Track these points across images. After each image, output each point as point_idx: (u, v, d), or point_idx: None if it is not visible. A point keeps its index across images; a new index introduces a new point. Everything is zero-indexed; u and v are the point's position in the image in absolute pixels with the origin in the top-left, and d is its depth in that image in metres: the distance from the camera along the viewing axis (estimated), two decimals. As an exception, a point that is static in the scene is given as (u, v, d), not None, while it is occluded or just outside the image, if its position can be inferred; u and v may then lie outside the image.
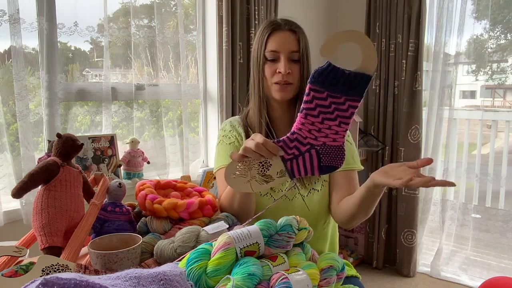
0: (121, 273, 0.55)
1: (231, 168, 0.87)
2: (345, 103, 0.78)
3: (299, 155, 0.84)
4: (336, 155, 0.84)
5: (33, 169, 0.91)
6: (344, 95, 0.77)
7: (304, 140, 0.83)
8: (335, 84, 0.76)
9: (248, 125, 1.25)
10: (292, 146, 0.84)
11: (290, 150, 0.84)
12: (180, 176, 2.09)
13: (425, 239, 2.80)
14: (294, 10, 2.65)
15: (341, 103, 0.78)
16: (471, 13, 2.54)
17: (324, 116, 0.79)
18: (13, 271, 0.72)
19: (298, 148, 0.84)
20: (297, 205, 1.18)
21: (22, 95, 1.55)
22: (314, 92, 0.78)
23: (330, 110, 0.79)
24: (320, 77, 0.77)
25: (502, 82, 3.48)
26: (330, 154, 0.84)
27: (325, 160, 0.84)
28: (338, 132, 0.82)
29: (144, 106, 2.05)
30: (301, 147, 0.84)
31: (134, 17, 1.98)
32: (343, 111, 0.79)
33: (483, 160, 2.80)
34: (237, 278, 0.65)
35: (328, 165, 0.85)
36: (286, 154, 0.84)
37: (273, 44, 1.13)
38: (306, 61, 1.15)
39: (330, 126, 0.81)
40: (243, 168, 0.86)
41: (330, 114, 0.79)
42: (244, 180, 0.86)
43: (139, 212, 1.09)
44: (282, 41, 1.13)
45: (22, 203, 1.56)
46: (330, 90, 0.77)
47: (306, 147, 0.84)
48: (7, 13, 1.51)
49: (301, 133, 0.83)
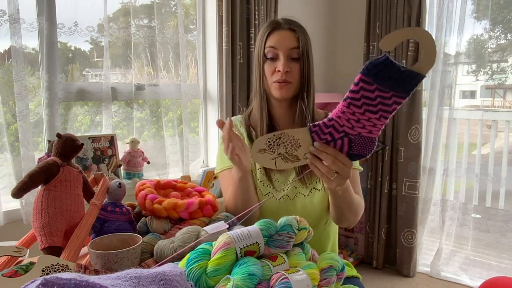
0: (121, 273, 0.55)
1: (260, 143, 0.87)
2: (391, 99, 0.77)
3: (331, 140, 0.85)
4: (367, 145, 0.85)
5: (33, 169, 0.91)
6: (393, 91, 0.76)
7: (340, 128, 0.83)
8: (387, 79, 0.75)
9: (250, 124, 1.26)
10: (327, 132, 0.84)
11: (324, 135, 0.84)
12: (180, 176, 2.09)
13: (425, 239, 2.80)
14: (294, 10, 2.65)
15: (387, 97, 0.77)
16: (471, 13, 2.54)
17: (367, 108, 0.79)
18: (13, 271, 0.72)
19: (332, 134, 0.84)
20: (299, 204, 1.18)
21: (22, 95, 1.55)
22: (364, 84, 0.77)
23: (374, 103, 0.78)
24: (374, 69, 0.75)
25: (502, 82, 3.48)
26: (362, 144, 0.85)
27: (356, 149, 0.85)
28: (376, 125, 0.82)
29: (144, 106, 2.05)
30: (335, 134, 0.84)
31: (134, 17, 1.98)
32: (386, 106, 0.78)
33: (483, 160, 2.80)
34: (237, 278, 0.65)
35: (357, 153, 0.86)
36: (319, 138, 0.85)
37: (272, 42, 1.14)
38: (306, 59, 1.14)
39: (370, 118, 0.81)
40: (272, 144, 0.86)
41: (373, 107, 0.79)
42: (270, 156, 0.87)
43: (139, 212, 1.09)
44: (281, 39, 1.13)
45: (22, 203, 1.56)
46: (380, 83, 0.76)
47: (340, 135, 0.84)
48: (7, 13, 1.51)
49: (339, 121, 0.83)
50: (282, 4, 2.40)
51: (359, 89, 0.78)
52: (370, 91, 0.77)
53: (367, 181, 2.82)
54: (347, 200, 1.07)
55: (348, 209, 1.10)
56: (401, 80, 0.75)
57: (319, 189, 1.19)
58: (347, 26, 2.97)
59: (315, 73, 1.18)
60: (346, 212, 1.11)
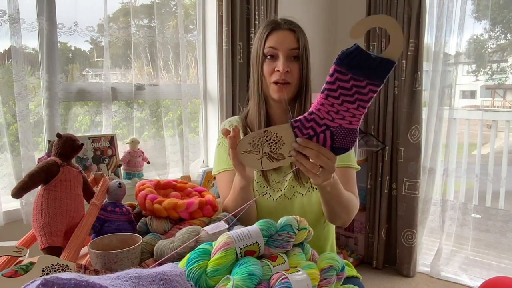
0: (121, 273, 0.55)
1: (244, 143, 0.87)
2: (366, 87, 0.78)
3: (314, 135, 0.85)
4: (349, 137, 0.84)
5: (33, 169, 0.91)
6: (367, 79, 0.78)
7: (321, 121, 0.83)
8: (359, 68, 0.76)
9: (247, 125, 1.25)
10: (308, 127, 0.84)
11: (306, 130, 0.84)
12: (180, 176, 2.09)
13: (425, 239, 2.80)
14: (294, 10, 2.65)
15: (362, 86, 0.78)
16: (471, 13, 2.54)
17: (344, 98, 0.80)
18: (13, 271, 0.72)
19: (313, 129, 0.84)
20: (297, 204, 1.18)
21: (22, 95, 1.55)
22: (338, 74, 0.78)
23: (351, 93, 0.79)
24: (346, 59, 0.76)
25: (502, 82, 3.48)
26: (344, 136, 0.84)
27: (338, 142, 0.85)
28: (355, 115, 0.82)
29: (144, 106, 2.05)
30: (317, 128, 0.84)
31: (134, 17, 1.98)
32: (363, 95, 0.79)
33: (483, 160, 2.80)
34: (237, 278, 0.65)
35: (340, 146, 0.85)
36: (301, 134, 0.85)
37: (272, 42, 1.14)
38: (305, 60, 1.14)
39: (349, 109, 0.81)
40: (256, 144, 0.86)
41: (350, 97, 0.79)
42: (255, 156, 0.87)
43: (139, 212, 1.09)
44: (281, 39, 1.13)
45: (22, 203, 1.56)
46: (354, 73, 0.77)
47: (321, 128, 0.84)
48: (7, 13, 1.51)
49: (319, 114, 0.83)
50: (282, 4, 2.40)
51: (334, 79, 0.79)
52: (345, 81, 0.78)
53: (367, 181, 2.82)
54: (336, 197, 1.05)
55: (339, 206, 1.08)
56: (373, 68, 0.77)
57: (317, 188, 1.18)
58: (347, 26, 2.96)
59: (313, 73, 1.19)
60: (338, 210, 1.09)
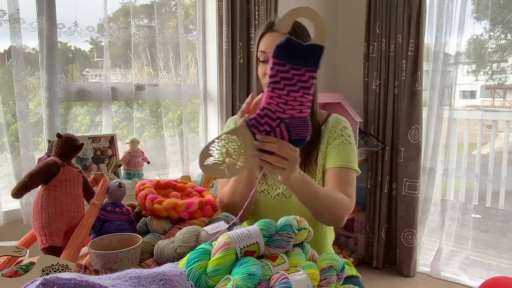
0: (121, 273, 0.55)
1: (204, 154, 0.84)
2: (305, 74, 0.82)
3: (271, 130, 0.85)
4: (303, 127, 0.86)
5: (33, 169, 0.91)
6: (304, 66, 0.82)
7: (274, 115, 0.84)
8: (295, 57, 0.81)
9: None
10: (263, 123, 0.85)
11: (262, 127, 0.85)
12: (180, 176, 2.09)
13: (425, 239, 2.80)
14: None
15: (301, 74, 0.82)
16: (471, 13, 2.54)
17: (289, 88, 0.83)
18: (13, 271, 0.72)
19: (269, 124, 0.85)
20: (294, 203, 1.18)
21: (22, 95, 1.55)
22: (278, 66, 0.82)
23: (293, 82, 0.83)
24: (280, 50, 0.81)
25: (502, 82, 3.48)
26: (298, 126, 0.86)
27: (295, 133, 0.86)
28: (303, 103, 0.84)
29: (144, 106, 2.05)
30: (272, 122, 0.85)
31: (134, 17, 1.98)
32: (304, 82, 0.83)
33: (483, 160, 2.80)
34: (237, 278, 0.65)
35: (298, 138, 0.86)
36: (258, 131, 0.85)
37: (262, 45, 1.16)
38: None
39: (296, 98, 0.84)
40: (217, 151, 0.84)
41: (293, 86, 0.83)
42: (219, 165, 0.84)
43: (139, 212, 1.09)
44: (270, 43, 1.14)
45: (22, 203, 1.56)
46: (291, 62, 0.81)
47: (276, 122, 0.85)
48: (7, 13, 1.51)
49: (270, 107, 0.84)
50: (282, 4, 2.40)
51: (276, 72, 0.82)
52: (285, 71, 0.82)
53: (367, 181, 2.82)
54: (310, 193, 1.03)
55: (318, 204, 1.05)
56: (307, 55, 0.82)
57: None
58: (347, 26, 2.97)
59: None
60: (318, 208, 1.06)
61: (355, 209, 2.86)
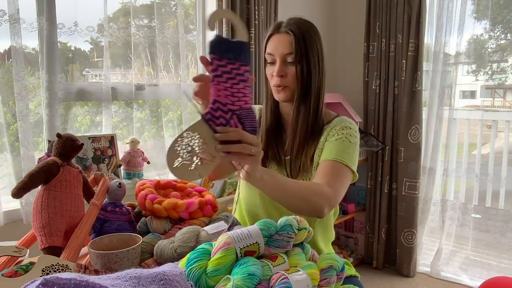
0: (121, 273, 0.55)
1: (171, 156, 0.81)
2: (240, 68, 0.85)
3: (226, 123, 0.85)
4: (251, 118, 0.87)
5: (33, 169, 0.91)
6: (237, 61, 0.85)
7: (225, 107, 0.85)
8: (228, 52, 0.84)
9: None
10: (218, 116, 0.85)
11: (218, 120, 0.85)
12: (180, 176, 2.08)
13: (425, 239, 2.80)
14: (294, 10, 2.65)
15: (237, 68, 0.85)
16: (471, 13, 2.54)
17: (232, 81, 0.85)
18: (13, 271, 0.72)
19: (223, 117, 0.85)
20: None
21: (22, 95, 1.55)
22: (216, 61, 0.84)
23: (232, 75, 0.85)
24: (215, 47, 0.84)
25: (502, 82, 3.48)
26: (248, 117, 0.87)
27: (247, 124, 0.87)
28: (245, 95, 0.86)
29: (144, 106, 2.05)
30: (225, 115, 0.85)
31: (134, 17, 1.98)
32: (241, 75, 0.85)
33: (483, 160, 2.80)
34: (237, 278, 0.65)
35: (250, 128, 0.87)
36: (215, 125, 0.85)
37: (270, 47, 1.18)
38: (305, 62, 1.14)
39: (239, 90, 0.86)
40: (183, 151, 0.82)
41: (233, 79, 0.85)
42: (188, 165, 0.82)
43: (139, 212, 1.09)
44: (276, 45, 1.16)
45: (22, 203, 1.56)
46: (226, 57, 0.84)
47: (228, 114, 0.86)
48: (7, 13, 1.51)
49: (220, 100, 0.85)
50: (282, 4, 2.40)
51: (216, 67, 0.84)
52: (223, 65, 0.84)
53: (367, 181, 2.82)
54: (276, 184, 0.99)
55: (286, 195, 1.01)
56: (236, 49, 0.85)
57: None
58: (347, 26, 2.97)
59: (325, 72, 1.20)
60: (288, 200, 1.02)
61: (355, 209, 2.86)
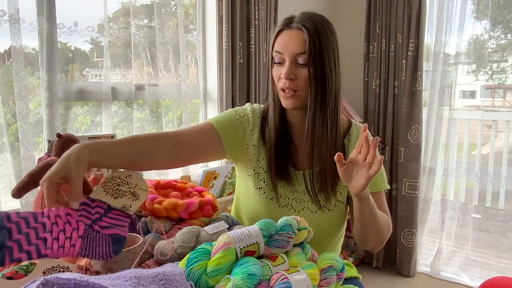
0: (121, 273, 0.55)
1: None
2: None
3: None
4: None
5: (33, 169, 0.91)
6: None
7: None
8: None
9: (266, 121, 1.14)
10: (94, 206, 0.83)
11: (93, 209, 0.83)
12: (180, 176, 2.09)
13: (425, 239, 2.80)
14: (294, 10, 2.64)
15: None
16: (471, 13, 2.55)
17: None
18: (13, 271, 0.72)
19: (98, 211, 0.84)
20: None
21: (22, 95, 1.55)
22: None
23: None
24: None
25: (502, 82, 3.48)
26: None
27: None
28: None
29: (144, 106, 2.05)
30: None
31: (134, 17, 1.98)
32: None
33: (483, 160, 2.80)
34: (237, 278, 0.65)
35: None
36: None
37: (278, 45, 1.02)
38: (319, 64, 0.98)
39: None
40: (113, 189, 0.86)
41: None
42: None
43: (139, 212, 1.08)
44: (287, 42, 1.00)
45: (22, 203, 1.56)
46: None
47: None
48: (7, 13, 1.51)
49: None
50: (282, 4, 2.40)
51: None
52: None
53: (367, 181, 2.81)
54: (374, 210, 0.99)
55: (376, 224, 1.01)
56: None
57: (329, 209, 1.10)
58: (347, 26, 2.97)
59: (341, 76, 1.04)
60: (370, 227, 1.02)
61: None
